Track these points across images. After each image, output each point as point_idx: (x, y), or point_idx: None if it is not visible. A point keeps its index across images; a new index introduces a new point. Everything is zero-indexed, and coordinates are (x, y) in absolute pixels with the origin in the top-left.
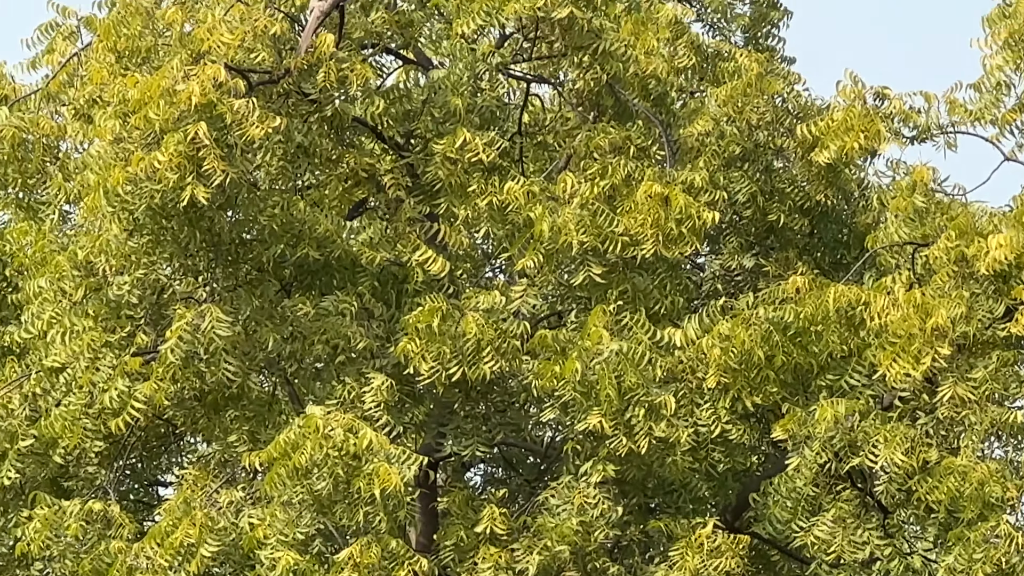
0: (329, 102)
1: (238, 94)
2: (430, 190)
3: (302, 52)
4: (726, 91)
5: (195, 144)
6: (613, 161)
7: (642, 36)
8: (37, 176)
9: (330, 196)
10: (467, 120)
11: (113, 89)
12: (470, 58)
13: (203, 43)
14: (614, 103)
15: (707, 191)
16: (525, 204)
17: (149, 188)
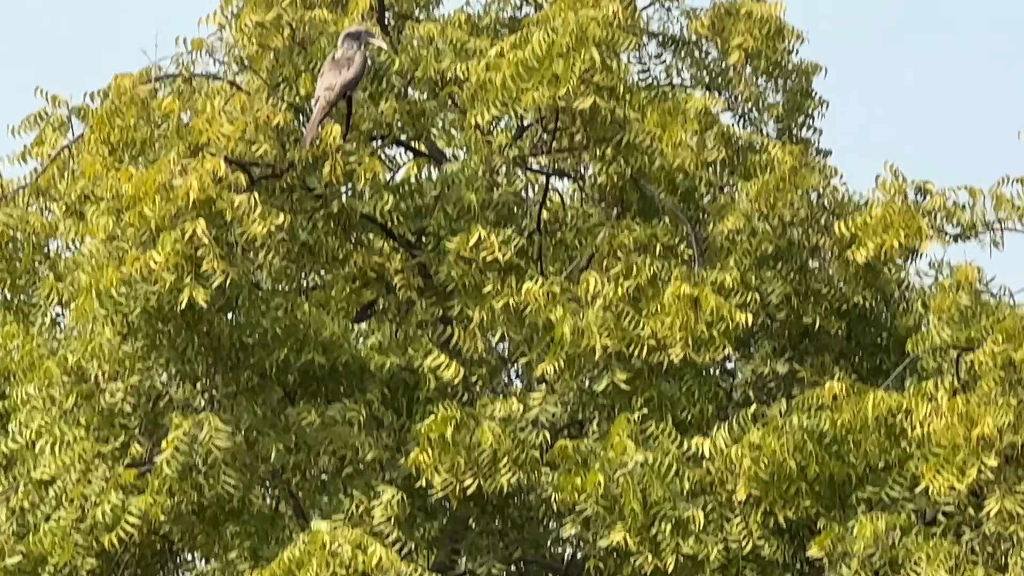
0: (335, 197)
1: (239, 189)
2: (443, 291)
3: (307, 144)
4: (758, 185)
5: (193, 243)
6: (638, 260)
7: (669, 127)
8: (26, 276)
9: (337, 297)
10: (482, 217)
11: (106, 184)
12: (486, 151)
13: (202, 135)
14: (639, 198)
15: (739, 292)
16: (544, 306)
17: (144, 289)
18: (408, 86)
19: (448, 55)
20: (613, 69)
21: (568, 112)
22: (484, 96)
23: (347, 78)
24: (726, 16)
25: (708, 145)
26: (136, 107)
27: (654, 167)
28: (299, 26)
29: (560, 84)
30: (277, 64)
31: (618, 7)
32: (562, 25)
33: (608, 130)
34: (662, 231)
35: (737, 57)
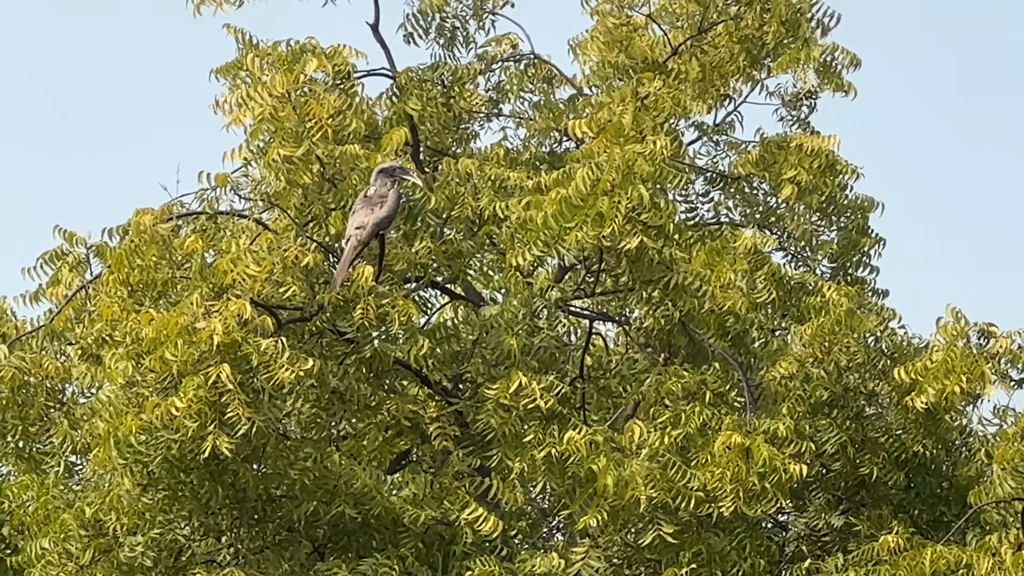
0: (368, 342)
1: (265, 333)
2: (481, 440)
3: (337, 286)
4: (812, 329)
5: (217, 389)
6: (687, 408)
7: (718, 267)
8: (39, 423)
9: (369, 447)
10: (522, 362)
11: (125, 326)
12: (526, 293)
13: (226, 275)
14: (687, 343)
15: (792, 441)
16: (587, 455)
17: (165, 438)
18: (444, 225)
19: (486, 192)
20: (661, 207)
21: (613, 252)
22: (524, 235)
23: (380, 216)
24: (776, 150)
25: (759, 286)
26: (157, 246)
27: (703, 310)
28: (329, 161)
29: (605, 223)
30: (306, 201)
31: (665, 142)
32: (607, 161)
33: (655, 271)
34: (711, 377)
35: (789, 193)
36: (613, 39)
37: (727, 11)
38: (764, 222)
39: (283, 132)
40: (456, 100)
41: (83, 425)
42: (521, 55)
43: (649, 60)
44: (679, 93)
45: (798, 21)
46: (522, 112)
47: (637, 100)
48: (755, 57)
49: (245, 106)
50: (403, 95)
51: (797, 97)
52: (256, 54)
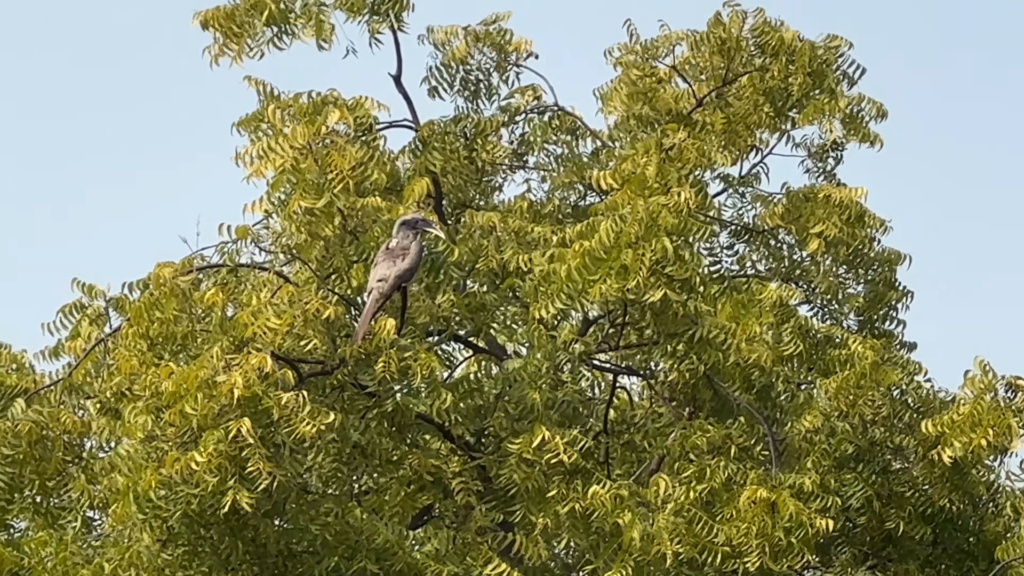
0: (389, 396)
1: (286, 386)
2: (504, 495)
3: (359, 339)
4: (837, 382)
5: (237, 443)
6: (712, 462)
7: (743, 321)
8: (57, 478)
9: (391, 502)
10: (546, 417)
11: (144, 380)
12: (549, 346)
13: (247, 329)
14: (712, 397)
15: (818, 496)
16: (612, 510)
17: (185, 493)
18: (467, 278)
19: (509, 245)
20: (685, 259)
21: (637, 305)
22: (548, 288)
23: (402, 269)
24: (803, 202)
25: (785, 339)
26: (177, 299)
27: (728, 363)
28: (351, 213)
29: (629, 275)
30: (327, 254)
31: (690, 194)
32: (631, 213)
33: (679, 324)
34: (737, 431)
35: (815, 247)
36: (637, 91)
37: (752, 63)
38: (790, 275)
39: (304, 184)
40: (479, 152)
41: (102, 480)
42: (544, 107)
43: (673, 112)
44: (704, 144)
45: (823, 72)
46: (546, 164)
47: (662, 151)
48: (780, 108)
49: (266, 158)
50: (425, 148)
51: (823, 148)
52: (277, 106)
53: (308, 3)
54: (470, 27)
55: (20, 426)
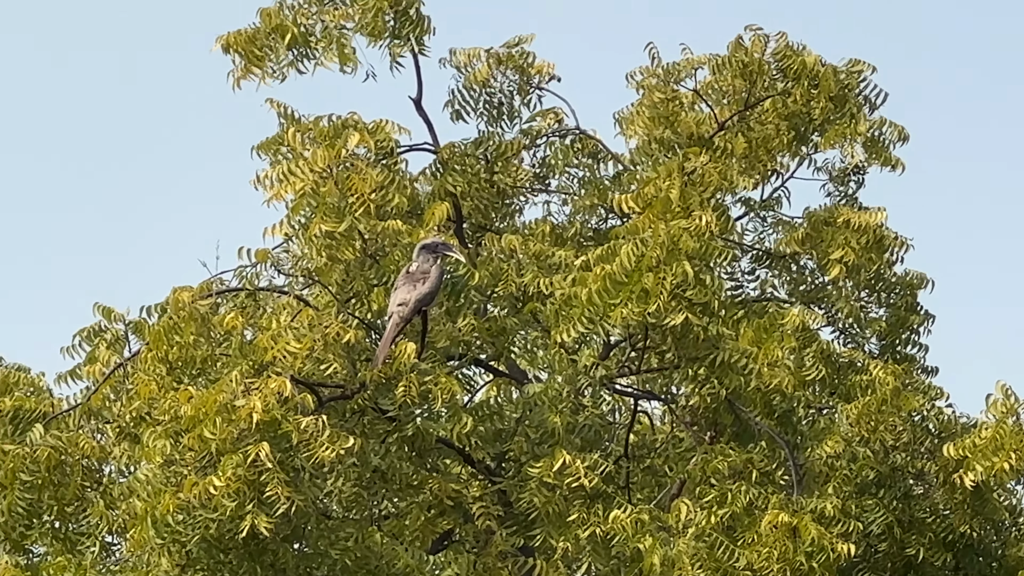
0: (410, 420)
1: (306, 410)
2: (524, 520)
3: (379, 363)
4: (859, 408)
5: (256, 467)
6: (733, 487)
7: (765, 345)
8: (76, 503)
9: (411, 527)
10: (567, 441)
11: (163, 404)
12: (570, 370)
13: (266, 353)
14: (733, 421)
15: (839, 521)
16: (633, 535)
17: (204, 517)
18: (487, 302)
19: (530, 269)
20: (707, 284)
21: (658, 329)
22: (569, 312)
23: (422, 293)
24: (823, 226)
25: (806, 364)
26: (196, 323)
27: (749, 388)
28: (371, 237)
29: (650, 299)
30: (347, 277)
31: (711, 217)
32: (652, 237)
33: (700, 348)
34: (758, 456)
35: (837, 273)
36: (659, 114)
37: (774, 87)
38: (811, 299)
39: (325, 207)
40: (500, 175)
41: (120, 505)
42: (566, 130)
43: (695, 135)
44: (726, 168)
45: (845, 97)
46: (567, 187)
47: (684, 175)
48: (802, 133)
49: (286, 181)
50: (445, 171)
51: (844, 172)
52: (298, 129)
53: (329, 27)
54: (492, 50)
55: (39, 451)
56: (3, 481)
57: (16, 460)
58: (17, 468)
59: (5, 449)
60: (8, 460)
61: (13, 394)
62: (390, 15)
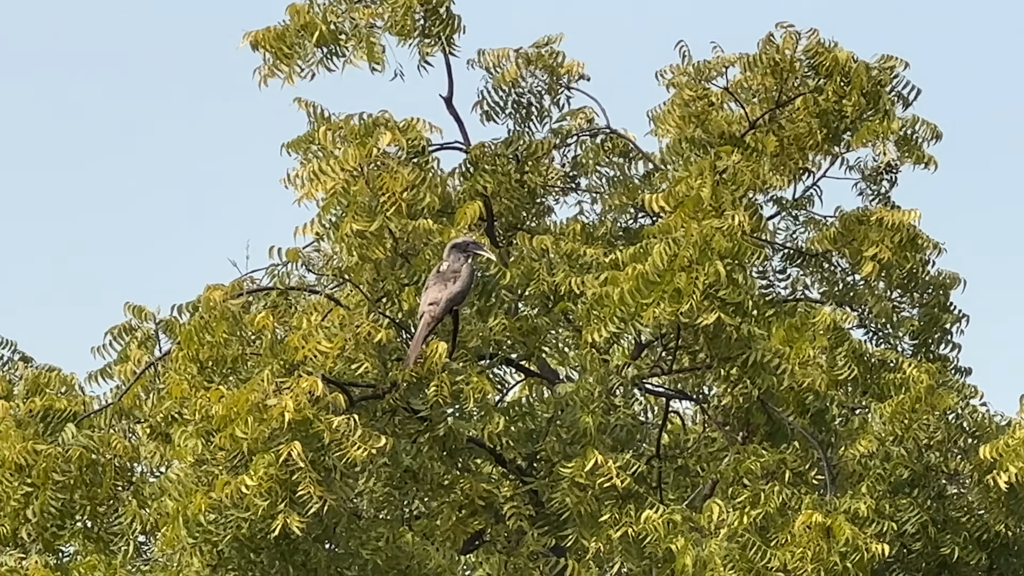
0: (441, 420)
1: (337, 410)
2: (556, 520)
3: (410, 363)
4: (892, 407)
5: (288, 467)
6: (766, 487)
7: (797, 344)
8: (108, 503)
9: (442, 527)
10: (598, 441)
11: (195, 404)
12: (602, 370)
13: (297, 352)
14: (766, 421)
15: (873, 521)
16: (665, 535)
17: (235, 517)
18: (519, 301)
19: (561, 268)
20: (739, 283)
21: (691, 329)
22: (601, 312)
23: (453, 292)
24: (856, 224)
25: (839, 363)
26: (227, 322)
27: (782, 387)
28: (402, 236)
29: (682, 299)
30: (379, 277)
31: (744, 217)
32: (685, 236)
33: (733, 348)
34: (791, 456)
35: (870, 270)
36: (689, 113)
37: (805, 84)
38: (843, 299)
39: (355, 206)
40: (531, 175)
41: (152, 504)
42: (596, 129)
43: (726, 134)
44: (758, 166)
45: (878, 93)
46: (598, 187)
47: (715, 174)
48: (834, 130)
49: (317, 180)
50: (476, 170)
51: (877, 171)
52: (328, 127)
53: (358, 24)
54: (521, 50)
55: (71, 451)
56: (35, 481)
57: (48, 460)
58: (49, 468)
59: (37, 449)
60: (40, 460)
61: (44, 394)
62: (420, 13)
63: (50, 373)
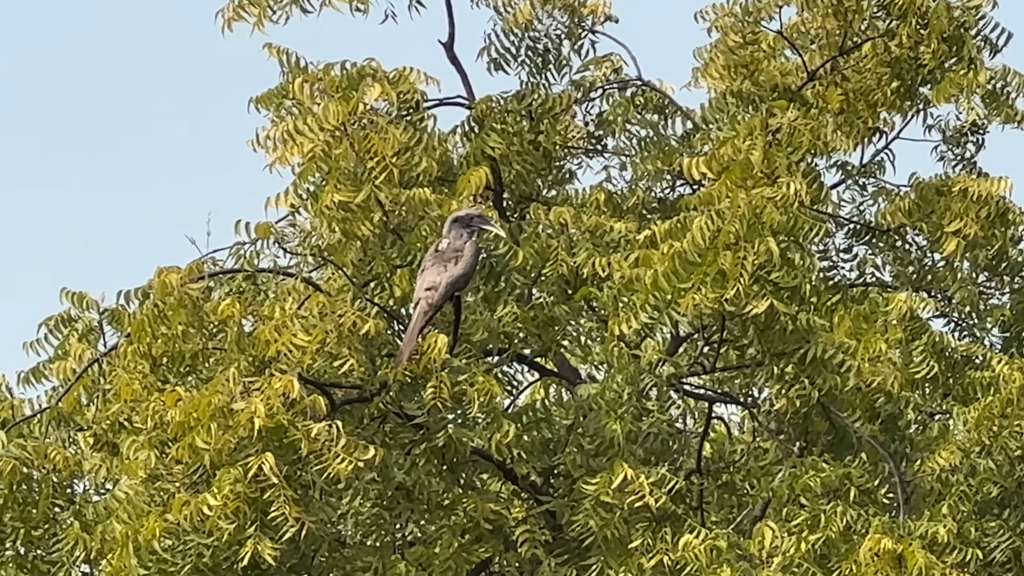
0: (441, 428)
1: (317, 415)
2: (578, 546)
3: (404, 359)
4: (979, 411)
5: (259, 483)
6: (827, 507)
7: (865, 337)
8: (44, 526)
9: (441, 555)
10: (628, 452)
11: (147, 408)
12: (632, 368)
13: (269, 346)
14: (828, 429)
15: (955, 548)
16: (708, 564)
17: (196, 543)
18: (533, 286)
19: (583, 246)
20: (795, 264)
21: (738, 319)
22: (631, 298)
23: (454, 275)
24: (935, 195)
25: (915, 359)
26: (185, 311)
27: (846, 388)
28: (394, 208)
29: (728, 283)
30: (366, 257)
31: (801, 185)
32: (730, 208)
33: (788, 341)
34: (857, 470)
35: (953, 249)
36: (736, 61)
37: (874, 27)
38: (920, 283)
39: (338, 173)
40: (547, 135)
41: (97, 528)
42: (625, 81)
43: (780, 87)
44: (819, 125)
45: (961, 38)
46: (627, 149)
47: (767, 134)
48: (909, 83)
49: (292, 141)
50: (482, 129)
51: (960, 132)
52: (305, 79)
53: None
54: None
55: (1, 464)
56: None
57: None
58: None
59: None
60: None
61: None
62: None
63: None
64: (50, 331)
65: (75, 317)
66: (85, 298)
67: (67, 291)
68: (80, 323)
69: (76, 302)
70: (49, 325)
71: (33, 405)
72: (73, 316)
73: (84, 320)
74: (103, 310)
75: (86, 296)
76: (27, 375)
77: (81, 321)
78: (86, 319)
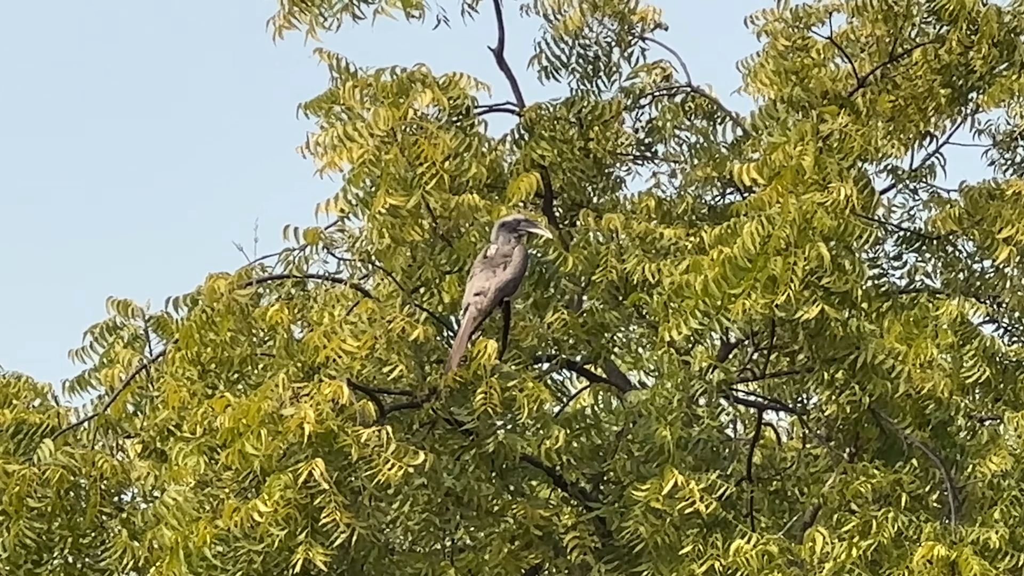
0: (490, 434)
1: (366, 421)
2: (627, 553)
3: (453, 365)
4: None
5: (309, 489)
6: (878, 514)
7: (916, 343)
8: (92, 534)
9: (491, 561)
10: (678, 458)
11: (196, 415)
12: (682, 375)
13: (318, 352)
14: (878, 435)
15: (1008, 554)
16: (759, 570)
17: (246, 549)
18: (583, 292)
19: (633, 252)
20: (846, 269)
21: (788, 324)
22: (680, 305)
23: (503, 281)
24: (987, 200)
25: (967, 365)
26: (234, 317)
27: (897, 394)
28: (444, 214)
29: (778, 289)
30: (415, 263)
31: (852, 191)
32: (781, 214)
33: (839, 347)
34: (908, 476)
35: (1005, 255)
36: (786, 68)
37: (925, 33)
38: (971, 289)
39: (388, 178)
40: (597, 141)
41: (145, 535)
42: (675, 87)
43: (830, 93)
44: (869, 131)
45: (1013, 43)
46: (677, 155)
47: (819, 139)
48: (959, 88)
49: (342, 147)
50: (532, 136)
51: (1012, 136)
52: (355, 84)
53: None
54: None
55: (48, 472)
56: (7, 508)
57: (23, 483)
58: (24, 492)
59: (8, 470)
60: (13, 483)
61: (14, 405)
62: None
63: (19, 381)
64: (96, 339)
65: (120, 325)
66: (131, 306)
67: (112, 299)
68: (125, 331)
69: (121, 310)
70: (95, 333)
71: (79, 413)
72: (119, 324)
73: (129, 328)
74: (149, 318)
75: (131, 304)
76: (72, 383)
77: (127, 329)
78: (131, 327)
